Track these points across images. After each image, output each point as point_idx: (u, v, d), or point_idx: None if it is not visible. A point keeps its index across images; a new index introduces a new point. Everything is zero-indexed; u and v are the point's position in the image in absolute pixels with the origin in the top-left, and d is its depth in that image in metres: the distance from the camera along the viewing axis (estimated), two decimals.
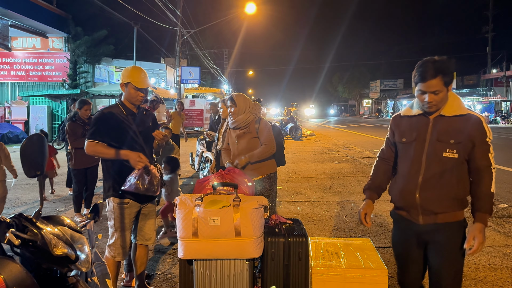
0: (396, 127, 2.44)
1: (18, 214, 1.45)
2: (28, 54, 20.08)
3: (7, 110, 19.39)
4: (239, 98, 4.03)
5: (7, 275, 1.33)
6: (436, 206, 2.24)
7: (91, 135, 3.05)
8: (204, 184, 3.30)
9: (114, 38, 21.32)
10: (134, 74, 3.12)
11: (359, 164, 10.79)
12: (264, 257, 2.80)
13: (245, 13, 20.85)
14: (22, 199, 7.00)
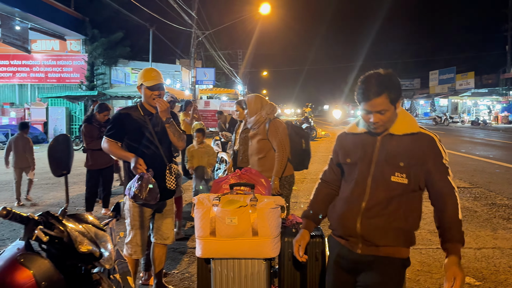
0: (341, 146, 2.18)
1: (45, 212, 1.50)
2: (47, 57, 20.50)
3: (27, 111, 19.82)
4: (250, 100, 4.17)
5: (36, 270, 1.38)
6: (378, 238, 1.93)
7: (107, 133, 3.18)
8: (221, 184, 3.33)
9: (130, 40, 21.61)
10: (145, 75, 3.18)
11: None
12: (281, 257, 2.81)
13: (259, 13, 20.88)
14: (42, 199, 7.15)
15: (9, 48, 18.02)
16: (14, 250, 1.45)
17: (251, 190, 2.96)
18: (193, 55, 22.53)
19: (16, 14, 15.83)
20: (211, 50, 30.50)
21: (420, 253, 4.38)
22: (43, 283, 1.38)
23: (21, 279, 1.38)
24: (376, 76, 1.94)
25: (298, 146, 4.07)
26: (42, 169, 10.32)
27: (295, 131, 4.13)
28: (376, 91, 1.87)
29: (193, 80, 22.73)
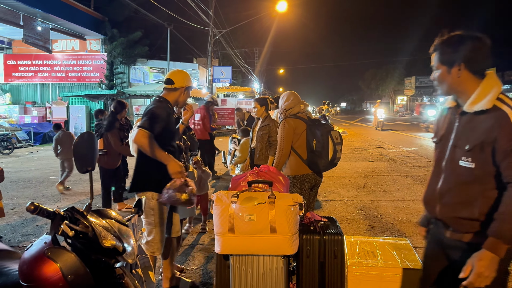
0: (436, 122, 2.07)
1: (70, 207, 1.54)
2: (67, 56, 20.90)
3: (48, 110, 20.26)
4: (281, 97, 4.26)
5: (63, 264, 1.42)
6: (455, 224, 1.83)
7: (147, 125, 2.97)
8: (240, 181, 3.35)
9: (148, 39, 21.84)
10: (189, 79, 3.32)
11: (394, 163, 10.57)
12: (299, 254, 2.82)
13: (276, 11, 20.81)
14: (63, 195, 7.31)
15: (31, 48, 18.43)
16: (41, 244, 1.50)
17: (269, 188, 2.98)
18: (210, 54, 22.62)
19: (38, 15, 16.18)
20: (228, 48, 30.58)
21: None
22: (69, 276, 1.43)
23: (48, 272, 1.42)
24: (450, 34, 1.83)
25: (310, 147, 3.97)
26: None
27: (311, 131, 3.98)
28: (433, 46, 1.86)
29: (210, 78, 22.83)
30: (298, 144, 4.01)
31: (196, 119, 8.48)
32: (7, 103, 20.68)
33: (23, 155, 13.68)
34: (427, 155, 11.97)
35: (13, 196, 7.19)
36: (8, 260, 2.03)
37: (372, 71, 67.79)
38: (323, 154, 3.93)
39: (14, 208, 6.37)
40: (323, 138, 3.92)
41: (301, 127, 4.02)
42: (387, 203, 6.38)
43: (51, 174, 9.58)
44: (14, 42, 20.78)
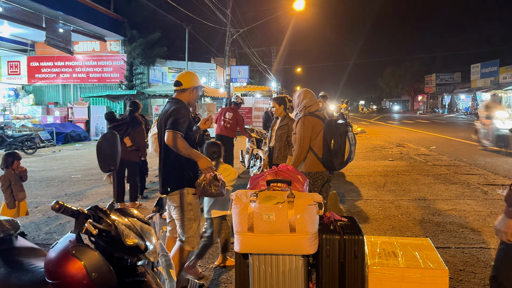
0: None
1: (94, 206, 1.57)
2: (88, 57, 21.29)
3: (70, 110, 20.69)
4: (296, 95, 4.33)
5: (87, 262, 1.45)
6: None
7: (179, 127, 3.12)
8: (258, 180, 3.35)
9: (167, 40, 22.06)
10: (197, 79, 3.46)
11: (414, 162, 10.40)
12: (319, 254, 2.80)
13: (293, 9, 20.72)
14: (85, 194, 7.45)
15: (53, 50, 18.84)
16: (66, 242, 1.53)
17: (288, 187, 2.97)
18: (227, 53, 22.69)
19: (60, 17, 16.53)
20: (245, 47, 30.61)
21: (462, 252, 4.23)
22: (93, 274, 1.45)
23: (73, 270, 1.45)
24: None
25: (327, 146, 3.95)
26: (85, 166, 10.77)
27: (329, 130, 3.95)
28: None
29: (228, 78, 22.91)
30: (314, 142, 4.03)
31: (227, 117, 8.53)
32: (30, 103, 21.21)
33: (46, 154, 14.01)
34: (448, 153, 11.74)
35: (36, 195, 7.37)
36: (34, 258, 2.08)
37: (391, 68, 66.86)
38: (340, 154, 3.92)
39: (38, 206, 6.53)
40: (341, 138, 3.91)
41: (319, 126, 4.05)
42: (408, 203, 6.28)
43: (73, 173, 9.78)
44: (37, 44, 21.29)
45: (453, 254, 4.20)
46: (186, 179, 3.24)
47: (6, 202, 4.74)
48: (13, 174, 4.77)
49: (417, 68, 59.73)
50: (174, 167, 3.26)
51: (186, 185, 3.24)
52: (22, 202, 4.89)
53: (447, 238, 4.67)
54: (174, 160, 3.24)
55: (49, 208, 6.37)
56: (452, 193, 6.69)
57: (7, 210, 4.70)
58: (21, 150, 13.53)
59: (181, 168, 3.24)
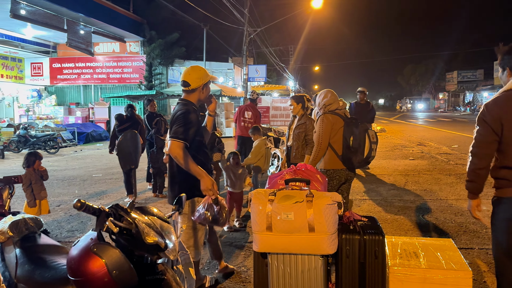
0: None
1: (115, 204, 1.58)
2: (108, 58, 21.64)
3: (91, 110, 21.08)
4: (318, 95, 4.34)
5: (108, 259, 1.47)
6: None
7: (180, 135, 2.95)
8: (277, 179, 3.34)
9: (185, 40, 22.22)
10: (207, 73, 3.24)
11: (436, 161, 10.21)
12: (338, 254, 2.77)
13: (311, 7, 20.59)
14: (106, 192, 7.57)
15: (74, 52, 19.23)
16: (87, 240, 1.55)
17: (306, 186, 2.95)
18: (245, 53, 22.73)
19: (81, 19, 16.85)
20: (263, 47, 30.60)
21: (486, 253, 4.13)
22: (114, 272, 1.47)
23: (94, 268, 1.47)
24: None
25: (346, 143, 3.97)
26: (105, 165, 10.96)
27: (349, 128, 3.98)
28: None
29: (245, 77, 22.94)
30: (334, 139, 4.05)
31: (247, 117, 8.51)
32: (52, 104, 21.70)
33: (68, 154, 14.30)
34: None
35: (59, 194, 7.52)
36: (57, 255, 2.12)
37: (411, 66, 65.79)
38: (359, 151, 3.95)
39: (60, 205, 6.67)
40: (360, 136, 3.94)
41: (338, 123, 4.05)
42: (429, 203, 6.16)
43: (94, 172, 9.96)
44: (59, 46, 21.75)
45: (476, 255, 4.10)
46: (197, 187, 3.05)
47: (27, 201, 4.85)
48: (34, 173, 4.87)
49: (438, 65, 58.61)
50: (185, 175, 3.05)
51: (197, 194, 3.10)
52: (44, 200, 5.00)
53: (470, 238, 4.56)
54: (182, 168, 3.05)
55: (71, 206, 6.50)
56: None
57: (29, 208, 4.81)
58: (44, 150, 13.86)
59: (192, 176, 3.03)
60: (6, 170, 10.39)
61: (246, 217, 5.51)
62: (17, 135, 14.65)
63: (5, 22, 15.83)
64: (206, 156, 3.29)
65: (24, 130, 14.76)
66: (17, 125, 17.11)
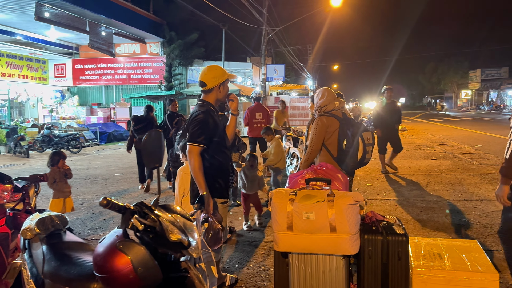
0: None
1: (139, 202, 1.60)
2: (129, 59, 21.98)
3: (112, 111, 21.45)
4: (316, 94, 4.35)
5: (133, 256, 1.49)
6: None
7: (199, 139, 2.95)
8: (297, 178, 3.32)
9: (204, 41, 22.37)
10: (224, 72, 3.22)
11: (459, 161, 9.98)
12: (360, 255, 2.74)
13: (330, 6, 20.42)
14: (128, 191, 7.68)
15: (96, 53, 19.61)
16: (113, 237, 1.58)
17: (327, 185, 2.92)
18: (263, 52, 22.72)
19: (102, 21, 17.16)
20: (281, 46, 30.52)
21: None
22: (139, 269, 1.49)
23: (120, 264, 1.49)
24: None
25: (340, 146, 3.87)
26: (127, 164, 11.13)
27: (342, 130, 3.88)
28: None
29: (264, 77, 22.94)
30: (329, 141, 3.93)
31: (258, 117, 8.55)
32: (75, 104, 22.18)
33: (90, 153, 14.58)
34: (495, 152, 11.17)
35: (82, 192, 7.68)
36: (81, 252, 2.16)
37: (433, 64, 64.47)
38: (352, 154, 3.83)
39: (83, 203, 6.80)
40: (353, 139, 3.82)
41: (334, 125, 3.90)
42: (453, 203, 6.03)
43: (116, 171, 10.12)
44: (81, 48, 22.22)
45: (502, 257, 3.98)
46: (217, 188, 3.08)
47: (53, 198, 4.98)
48: (58, 172, 4.99)
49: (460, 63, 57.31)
50: (206, 175, 3.01)
51: (217, 195, 3.10)
52: (68, 198, 5.11)
53: (496, 240, 4.44)
54: (205, 168, 3.04)
55: (94, 204, 6.62)
56: None
57: (54, 206, 4.93)
58: (67, 149, 14.17)
59: (212, 176, 3.06)
60: (31, 168, 10.67)
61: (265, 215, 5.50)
62: (41, 135, 15.01)
63: (30, 24, 16.28)
64: (225, 157, 3.25)
65: (48, 130, 15.12)
66: (41, 125, 17.54)
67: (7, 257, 3.03)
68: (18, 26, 17.20)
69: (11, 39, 18.18)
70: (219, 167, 3.15)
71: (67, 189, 5.08)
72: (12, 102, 20.10)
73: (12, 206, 3.26)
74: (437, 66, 63.18)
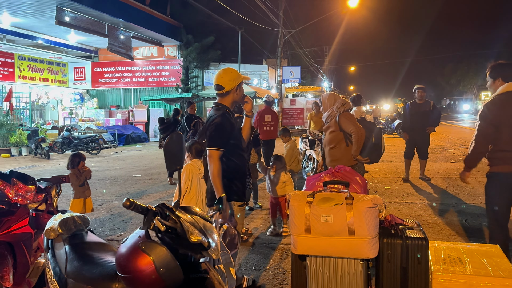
0: None
1: (161, 203, 1.63)
2: (147, 62, 22.25)
3: (131, 113, 21.75)
4: (324, 98, 4.69)
5: (155, 257, 1.51)
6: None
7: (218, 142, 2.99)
8: (315, 181, 3.32)
9: (220, 43, 22.49)
10: (239, 74, 3.23)
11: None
12: (379, 259, 2.72)
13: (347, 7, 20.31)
14: (146, 192, 7.79)
15: (115, 56, 19.91)
16: (136, 238, 1.61)
17: (345, 188, 2.91)
18: (279, 55, 22.73)
19: (121, 25, 17.43)
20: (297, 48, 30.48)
21: None
22: (161, 269, 1.51)
23: (142, 265, 1.52)
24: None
25: (367, 140, 4.41)
26: (145, 166, 11.27)
27: (365, 126, 4.49)
28: None
29: (279, 79, 22.93)
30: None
31: (267, 120, 8.57)
32: (94, 107, 22.56)
33: (109, 155, 14.81)
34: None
35: (101, 193, 7.81)
36: (103, 252, 2.20)
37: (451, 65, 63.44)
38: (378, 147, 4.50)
39: (102, 204, 6.91)
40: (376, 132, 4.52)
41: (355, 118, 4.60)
42: (473, 207, 5.92)
43: (134, 173, 10.26)
44: (100, 51, 22.59)
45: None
46: (234, 191, 3.11)
47: (74, 198, 5.08)
48: (78, 173, 5.09)
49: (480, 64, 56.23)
50: (222, 178, 3.04)
51: (234, 198, 3.13)
52: (88, 199, 5.20)
53: None
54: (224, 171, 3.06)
55: (113, 205, 6.73)
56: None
57: (75, 206, 5.03)
58: (86, 151, 14.43)
59: (229, 179, 3.09)
60: (51, 170, 10.90)
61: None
62: (61, 137, 15.32)
63: (51, 28, 16.64)
64: (241, 159, 3.26)
65: (68, 132, 15.42)
66: (61, 127, 17.90)
67: (30, 256, 3.10)
68: (39, 30, 17.61)
69: (33, 43, 18.62)
70: (236, 170, 3.17)
71: (87, 190, 5.18)
72: (33, 104, 20.55)
73: (35, 207, 3.33)
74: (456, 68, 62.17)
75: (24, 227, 3.10)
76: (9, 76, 18.49)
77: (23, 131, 14.94)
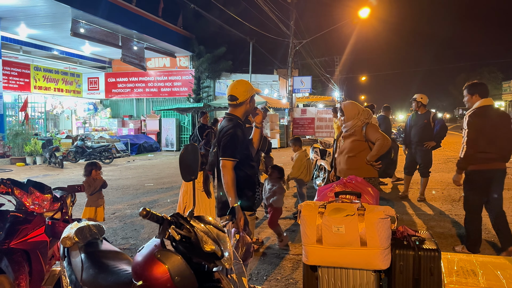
0: None
1: (176, 213, 1.66)
2: (159, 73, 22.54)
3: (143, 123, 21.98)
4: (347, 107, 4.60)
5: (171, 265, 1.55)
6: None
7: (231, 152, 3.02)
8: (326, 191, 3.33)
9: (232, 54, 22.69)
10: (251, 86, 3.30)
11: None
12: (391, 270, 2.71)
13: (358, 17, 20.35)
14: (157, 201, 7.84)
15: (128, 67, 20.24)
16: (151, 247, 1.64)
17: (357, 199, 2.92)
18: (290, 65, 22.82)
19: (134, 36, 17.73)
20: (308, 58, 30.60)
21: None
22: (176, 278, 1.54)
23: (158, 273, 1.55)
24: None
25: (387, 155, 4.40)
26: (157, 175, 11.35)
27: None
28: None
29: (290, 89, 23.00)
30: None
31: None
32: (107, 117, 22.86)
33: (121, 164, 14.96)
34: None
35: (113, 202, 7.89)
36: (118, 260, 2.24)
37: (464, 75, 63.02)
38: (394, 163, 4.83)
39: (115, 213, 6.98)
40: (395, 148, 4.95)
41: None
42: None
43: (146, 182, 10.35)
44: (114, 62, 22.97)
45: None
46: (245, 201, 3.13)
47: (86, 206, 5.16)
48: (93, 181, 5.17)
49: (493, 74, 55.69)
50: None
51: (245, 208, 3.12)
52: (100, 208, 5.26)
53: None
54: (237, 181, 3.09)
55: (126, 214, 6.79)
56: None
57: (86, 213, 5.10)
58: (99, 160, 14.59)
59: (240, 189, 3.10)
60: (65, 179, 11.05)
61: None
62: (74, 146, 15.53)
63: (66, 40, 17.00)
64: (252, 169, 3.30)
65: (81, 141, 15.63)
66: (75, 136, 18.15)
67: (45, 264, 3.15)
68: (55, 42, 18.01)
69: (48, 54, 19.04)
70: (247, 180, 3.20)
71: (100, 199, 5.24)
72: (48, 114, 20.92)
73: (51, 215, 3.39)
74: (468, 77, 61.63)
75: (40, 235, 3.15)
76: (25, 86, 18.88)
77: (37, 140, 15.19)
